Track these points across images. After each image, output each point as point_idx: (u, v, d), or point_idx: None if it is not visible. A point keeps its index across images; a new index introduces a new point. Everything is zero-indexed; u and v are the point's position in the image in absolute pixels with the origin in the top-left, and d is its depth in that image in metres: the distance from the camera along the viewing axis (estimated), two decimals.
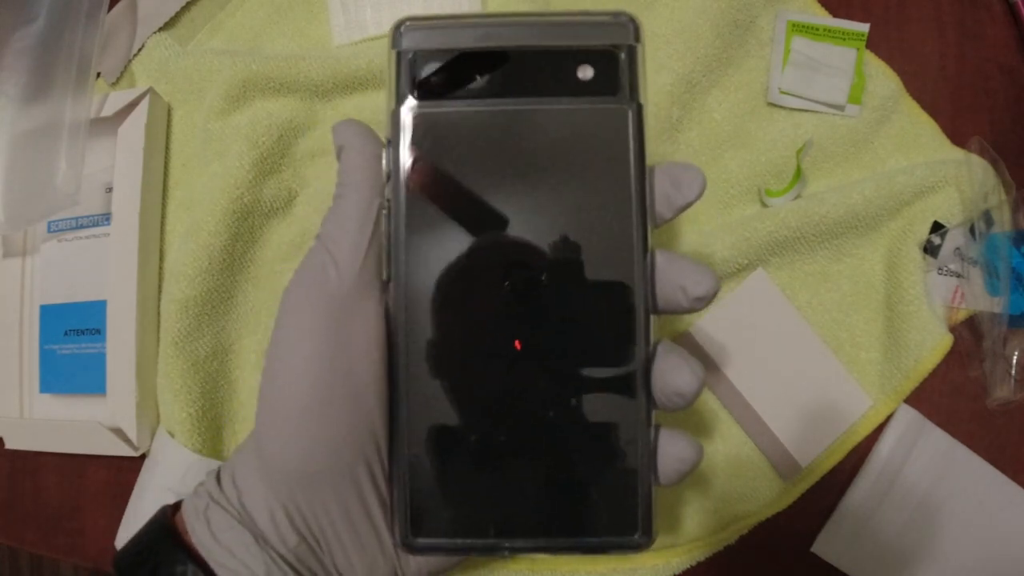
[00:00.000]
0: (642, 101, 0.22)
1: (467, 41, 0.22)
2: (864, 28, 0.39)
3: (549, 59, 0.22)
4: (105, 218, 0.39)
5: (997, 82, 0.40)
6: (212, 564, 0.21)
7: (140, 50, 0.42)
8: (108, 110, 0.39)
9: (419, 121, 0.22)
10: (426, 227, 0.22)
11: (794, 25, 0.39)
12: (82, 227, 0.40)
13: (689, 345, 0.36)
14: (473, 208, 0.21)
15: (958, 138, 0.39)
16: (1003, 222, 0.36)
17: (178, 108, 0.42)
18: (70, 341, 0.39)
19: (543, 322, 0.21)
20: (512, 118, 0.22)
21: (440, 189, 0.21)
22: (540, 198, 0.21)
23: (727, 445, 0.36)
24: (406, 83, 0.22)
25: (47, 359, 0.39)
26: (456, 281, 0.22)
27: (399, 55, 0.22)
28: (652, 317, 0.22)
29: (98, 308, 0.38)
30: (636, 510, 0.21)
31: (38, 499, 0.40)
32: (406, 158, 0.22)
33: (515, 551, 0.21)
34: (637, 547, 0.21)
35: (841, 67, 0.38)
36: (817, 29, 0.39)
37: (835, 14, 0.40)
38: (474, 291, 0.22)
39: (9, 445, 0.39)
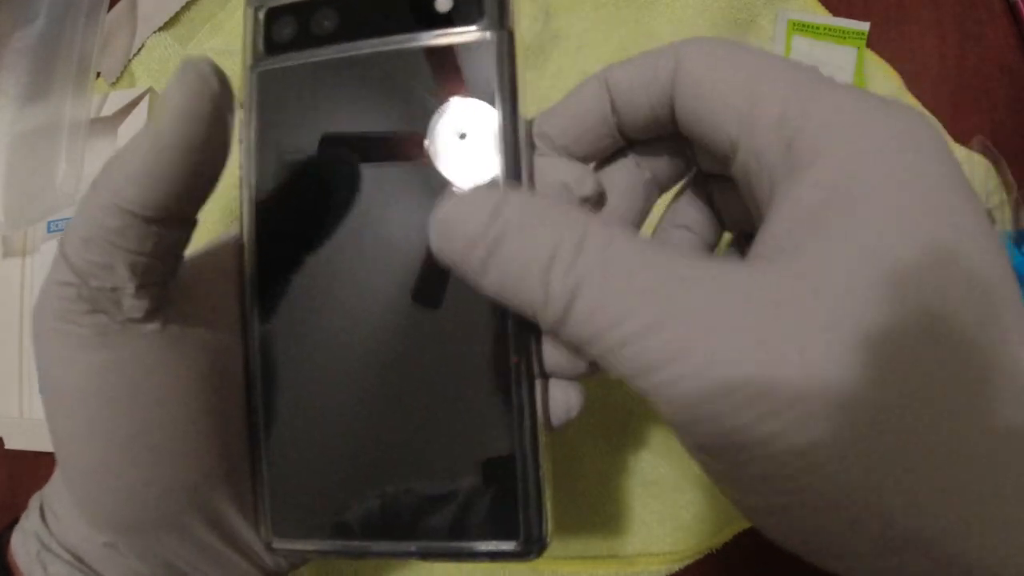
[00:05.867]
0: (512, 28, 0.20)
1: None
2: (864, 27, 0.39)
3: None
4: None
5: (997, 82, 0.39)
6: None
7: (140, 50, 0.42)
8: (108, 110, 0.39)
9: (272, 77, 0.20)
10: (280, 198, 0.20)
11: (794, 24, 0.39)
12: None
13: None
14: (330, 169, 0.20)
15: (958, 138, 0.38)
16: (1004, 221, 0.36)
17: None
18: None
19: (408, 288, 0.19)
20: (371, 61, 0.20)
21: (295, 151, 0.20)
22: (404, 143, 0.20)
23: None
24: (261, 41, 0.20)
25: None
26: (312, 254, 0.20)
27: (253, 13, 0.21)
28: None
29: None
30: (516, 513, 0.18)
31: None
32: (259, 120, 0.20)
33: (382, 555, 0.19)
34: (516, 556, 0.19)
35: (842, 66, 0.38)
36: (817, 28, 0.39)
37: (835, 13, 0.40)
38: (331, 268, 0.20)
39: (9, 445, 0.39)
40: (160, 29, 0.41)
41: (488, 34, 0.19)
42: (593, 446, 0.35)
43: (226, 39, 0.42)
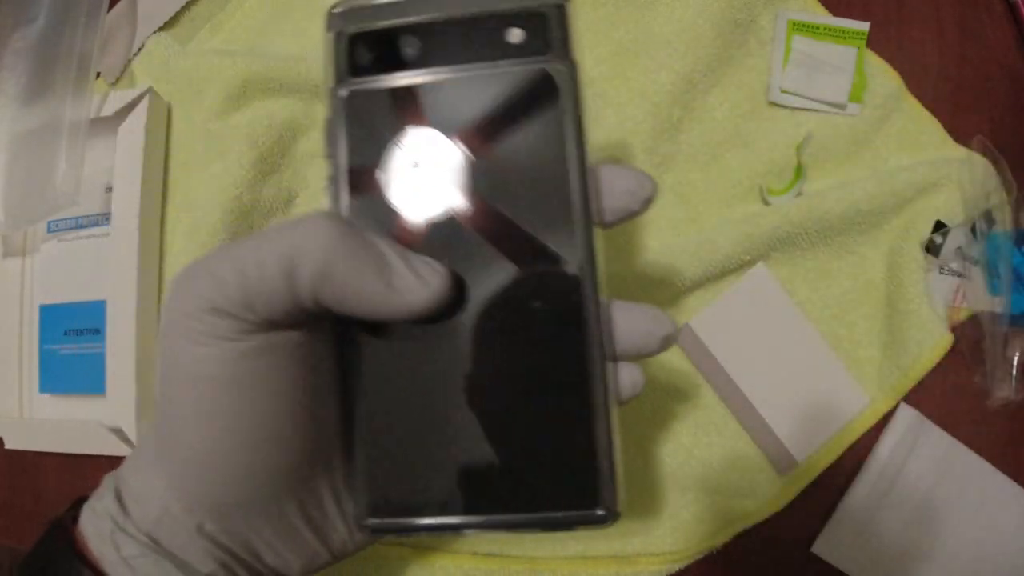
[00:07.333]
0: (575, 59, 0.22)
1: (396, 17, 0.22)
2: (864, 27, 0.39)
3: (478, 26, 0.22)
4: (105, 218, 0.39)
5: (997, 82, 0.39)
6: None
7: (140, 50, 0.42)
8: (108, 110, 0.39)
9: (357, 97, 0.22)
10: (370, 207, 0.22)
11: (794, 24, 0.39)
12: (82, 227, 0.40)
13: (688, 338, 0.36)
14: (415, 181, 0.22)
15: (958, 137, 0.38)
16: (1004, 221, 0.36)
17: (178, 108, 0.41)
18: (70, 341, 0.39)
19: (489, 286, 0.21)
20: (446, 87, 0.22)
21: (381, 166, 0.22)
22: (480, 161, 0.22)
23: (724, 439, 0.36)
24: (343, 63, 0.22)
25: (47, 359, 0.39)
26: None
27: (335, 37, 0.22)
28: (601, 271, 0.21)
29: (98, 308, 0.38)
30: (595, 482, 0.20)
31: (38, 499, 0.39)
32: (346, 135, 0.22)
33: (472, 528, 0.21)
34: (598, 521, 0.20)
35: (842, 66, 0.38)
36: (817, 28, 0.39)
37: (835, 13, 0.40)
38: None
39: (9, 445, 0.39)
40: (160, 29, 0.42)
41: (556, 65, 0.21)
42: None
43: (226, 39, 0.43)
